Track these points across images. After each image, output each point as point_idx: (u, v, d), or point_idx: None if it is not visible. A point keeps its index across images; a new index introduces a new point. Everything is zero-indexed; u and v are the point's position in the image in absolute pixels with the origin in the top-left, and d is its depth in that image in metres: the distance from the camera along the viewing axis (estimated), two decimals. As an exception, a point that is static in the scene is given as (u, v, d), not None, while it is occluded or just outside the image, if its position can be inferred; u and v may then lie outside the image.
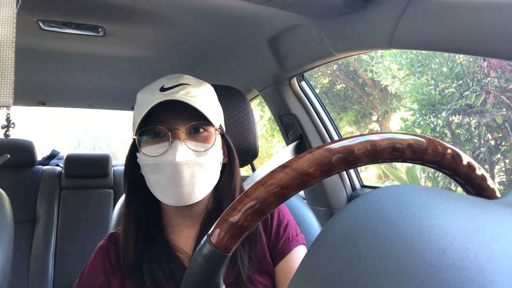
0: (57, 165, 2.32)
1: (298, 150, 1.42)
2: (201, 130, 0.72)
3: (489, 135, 3.56)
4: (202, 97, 0.72)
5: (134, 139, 0.73)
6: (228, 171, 0.78)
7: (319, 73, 6.28)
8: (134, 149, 0.75)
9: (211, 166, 0.72)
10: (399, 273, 0.19)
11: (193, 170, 0.68)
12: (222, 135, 0.78)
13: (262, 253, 0.76)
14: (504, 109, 3.40)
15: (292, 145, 1.41)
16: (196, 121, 0.70)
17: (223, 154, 0.77)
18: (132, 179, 0.77)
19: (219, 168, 0.75)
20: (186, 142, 0.68)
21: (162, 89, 0.71)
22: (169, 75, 0.77)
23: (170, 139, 0.68)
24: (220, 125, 0.77)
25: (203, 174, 0.70)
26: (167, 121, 0.70)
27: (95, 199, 2.16)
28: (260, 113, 6.57)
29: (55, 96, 2.01)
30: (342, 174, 1.42)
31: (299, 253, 0.77)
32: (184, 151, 0.67)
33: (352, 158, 0.33)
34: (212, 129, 0.73)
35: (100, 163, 2.21)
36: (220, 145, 0.76)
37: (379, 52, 4.45)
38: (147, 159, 0.69)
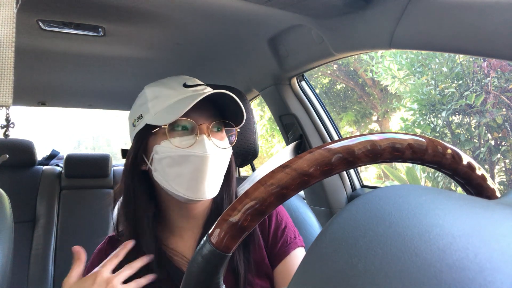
0: (57, 165, 2.32)
1: (298, 150, 1.42)
2: (223, 128, 0.74)
3: (489, 135, 3.56)
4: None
5: (140, 132, 0.71)
6: (227, 171, 0.78)
7: (319, 73, 6.28)
8: (139, 144, 0.72)
9: (226, 164, 0.74)
10: (399, 273, 0.18)
11: (216, 165, 0.70)
12: None
13: (260, 257, 0.75)
14: (504, 109, 3.40)
15: (292, 145, 1.41)
16: (221, 119, 0.72)
17: None
18: (134, 178, 0.74)
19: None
20: (211, 138, 0.70)
21: (186, 86, 0.72)
22: (174, 76, 0.77)
23: (198, 133, 0.68)
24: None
25: (221, 171, 0.72)
26: (193, 116, 0.69)
27: (95, 199, 2.16)
28: (260, 113, 6.57)
29: (55, 96, 2.01)
30: (342, 174, 1.42)
31: (297, 255, 0.77)
32: (211, 145, 0.69)
33: (352, 158, 0.33)
34: (232, 129, 0.75)
35: (100, 163, 2.21)
36: None
37: (379, 52, 4.45)
38: (173, 150, 0.67)
